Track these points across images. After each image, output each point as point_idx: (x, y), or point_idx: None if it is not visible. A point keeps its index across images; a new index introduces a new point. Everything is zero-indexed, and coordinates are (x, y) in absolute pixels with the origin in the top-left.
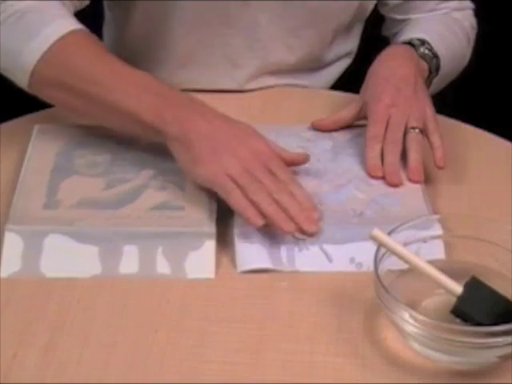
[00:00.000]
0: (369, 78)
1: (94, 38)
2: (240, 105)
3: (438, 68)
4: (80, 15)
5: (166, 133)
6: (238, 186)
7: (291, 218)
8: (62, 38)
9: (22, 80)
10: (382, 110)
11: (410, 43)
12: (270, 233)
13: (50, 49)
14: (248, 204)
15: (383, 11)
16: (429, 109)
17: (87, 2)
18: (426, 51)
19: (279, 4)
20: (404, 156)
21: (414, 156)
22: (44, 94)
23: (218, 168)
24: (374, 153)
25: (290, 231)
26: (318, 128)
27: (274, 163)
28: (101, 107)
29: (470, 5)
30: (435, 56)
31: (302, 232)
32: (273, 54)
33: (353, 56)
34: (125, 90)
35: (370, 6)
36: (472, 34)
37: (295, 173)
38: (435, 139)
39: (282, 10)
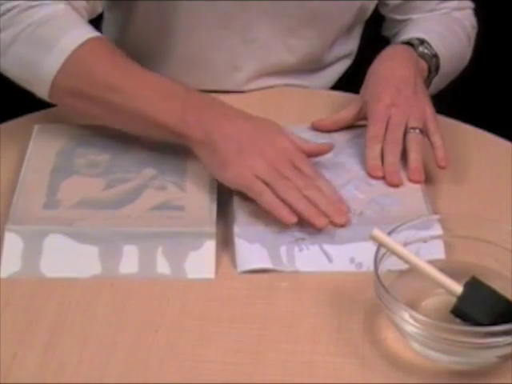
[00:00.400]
0: (368, 78)
1: (111, 44)
2: (240, 105)
3: (437, 67)
4: None
5: (190, 136)
6: (267, 185)
7: (322, 213)
8: (80, 47)
9: (42, 91)
10: (382, 110)
11: (409, 43)
12: (270, 233)
13: (68, 59)
14: (279, 203)
15: (383, 11)
16: (429, 109)
17: (100, 10)
18: (426, 50)
19: (278, 4)
20: (404, 156)
21: (414, 156)
22: (65, 104)
23: (245, 170)
24: (374, 153)
25: (323, 225)
26: (317, 128)
27: (299, 159)
28: (122, 114)
29: (470, 4)
30: (434, 55)
31: (334, 224)
32: (273, 55)
33: (353, 57)
34: (144, 95)
35: (371, 6)
36: (472, 33)
37: None
38: (436, 139)
39: (281, 10)
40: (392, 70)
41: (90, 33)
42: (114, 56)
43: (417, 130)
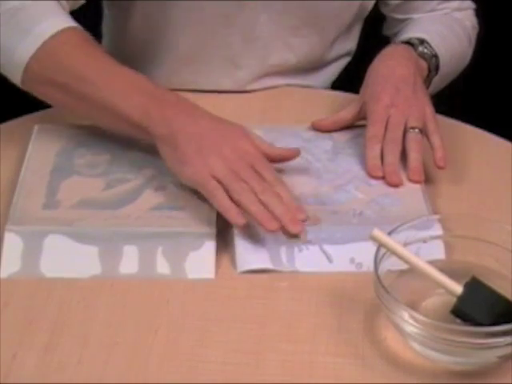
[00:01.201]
0: (368, 77)
1: (86, 35)
2: (240, 105)
3: (437, 67)
4: (79, 13)
5: (154, 132)
6: (223, 186)
7: (276, 218)
8: (55, 36)
9: (15, 77)
10: (381, 109)
11: (408, 43)
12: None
13: (42, 46)
14: (230, 203)
15: (384, 11)
16: (428, 108)
17: (82, 2)
18: (425, 50)
19: (278, 3)
20: (404, 156)
21: (414, 156)
22: (36, 91)
23: (202, 169)
24: (373, 153)
25: (274, 230)
26: (317, 128)
27: (259, 164)
28: (90, 105)
29: (471, 5)
30: (434, 55)
31: (287, 233)
32: (273, 54)
33: (352, 55)
34: (114, 88)
35: (370, 5)
36: (473, 33)
37: (294, 172)
38: (435, 139)
39: (282, 8)
40: (391, 70)
41: (66, 22)
42: (87, 47)
43: (416, 130)
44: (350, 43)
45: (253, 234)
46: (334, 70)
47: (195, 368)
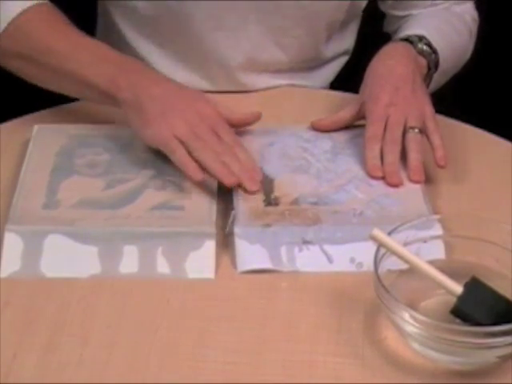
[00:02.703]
0: (367, 76)
1: (54, 10)
2: (240, 105)
3: (437, 64)
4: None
5: (120, 98)
6: (184, 145)
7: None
8: (23, 12)
9: None
10: (381, 109)
11: (407, 40)
12: (270, 233)
13: (11, 23)
14: (190, 160)
15: (383, 8)
16: (428, 107)
17: None
18: (425, 47)
19: (267, 2)
20: (403, 156)
21: (414, 156)
22: (9, 66)
23: (165, 129)
24: (373, 153)
25: (232, 184)
26: (317, 128)
27: (220, 127)
28: (59, 76)
29: None
30: (434, 52)
31: (244, 190)
32: (264, 53)
33: (350, 53)
34: (80, 58)
35: (363, 3)
36: (474, 26)
37: (294, 172)
38: (435, 138)
39: (272, 8)
40: (390, 69)
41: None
42: (55, 21)
43: (416, 130)
44: (347, 42)
45: (253, 234)
46: (331, 70)
47: (195, 368)
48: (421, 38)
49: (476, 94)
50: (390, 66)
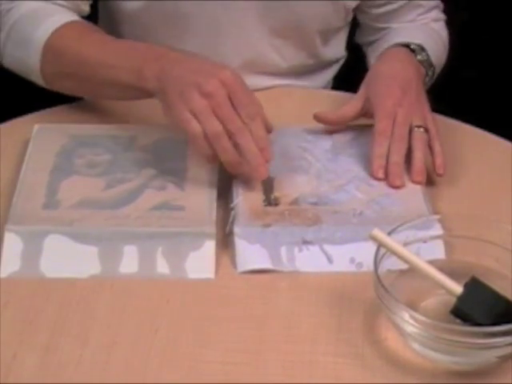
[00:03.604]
0: (371, 76)
1: (80, 20)
2: None
3: (432, 76)
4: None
5: (150, 89)
6: (200, 123)
7: (246, 162)
8: (52, 35)
9: (40, 82)
10: (390, 106)
11: (408, 47)
12: (270, 233)
13: (44, 48)
14: (208, 148)
15: (362, 19)
16: (429, 115)
17: (87, 9)
18: (425, 58)
19: (261, 5)
20: (407, 154)
21: (418, 155)
22: (58, 87)
23: (182, 108)
24: (381, 150)
25: (238, 174)
26: (320, 121)
27: (238, 92)
28: (98, 85)
29: (443, 16)
30: (431, 65)
31: (252, 178)
32: (263, 57)
33: (343, 59)
34: (108, 62)
35: (350, 10)
36: (446, 43)
37: (294, 172)
38: (436, 145)
39: (267, 11)
40: (396, 71)
41: (56, 22)
42: (82, 31)
43: (421, 129)
44: (340, 48)
45: (253, 234)
46: (331, 72)
47: (195, 368)
48: (422, 49)
49: (476, 94)
50: (396, 69)
